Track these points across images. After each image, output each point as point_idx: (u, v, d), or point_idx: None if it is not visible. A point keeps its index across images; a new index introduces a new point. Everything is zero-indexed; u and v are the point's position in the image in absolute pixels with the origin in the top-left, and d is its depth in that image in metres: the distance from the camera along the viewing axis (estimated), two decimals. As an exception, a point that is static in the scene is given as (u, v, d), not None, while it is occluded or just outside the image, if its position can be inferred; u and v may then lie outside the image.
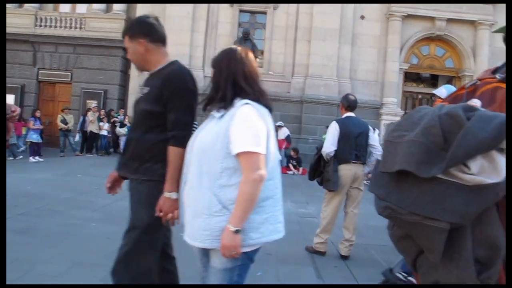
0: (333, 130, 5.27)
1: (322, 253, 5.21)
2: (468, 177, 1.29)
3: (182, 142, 2.34)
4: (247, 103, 2.00)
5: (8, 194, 7.36)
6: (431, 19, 19.20)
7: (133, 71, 19.43)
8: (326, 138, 5.44)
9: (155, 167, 2.47)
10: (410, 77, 21.12)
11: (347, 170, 5.20)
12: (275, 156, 2.08)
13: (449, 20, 19.14)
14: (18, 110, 3.09)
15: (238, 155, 1.92)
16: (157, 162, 2.47)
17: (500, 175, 1.28)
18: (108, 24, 19.86)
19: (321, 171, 5.33)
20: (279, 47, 19.25)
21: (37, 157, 13.05)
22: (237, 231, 1.87)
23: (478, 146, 1.27)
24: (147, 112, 2.51)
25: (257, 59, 17.00)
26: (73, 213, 6.42)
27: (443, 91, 4.40)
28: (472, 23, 19.21)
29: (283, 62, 19.21)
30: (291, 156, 14.86)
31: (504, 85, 1.54)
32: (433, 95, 4.74)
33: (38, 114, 13.57)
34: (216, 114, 2.08)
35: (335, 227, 5.33)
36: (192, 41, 19.01)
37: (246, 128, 1.95)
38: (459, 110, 1.33)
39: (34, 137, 13.16)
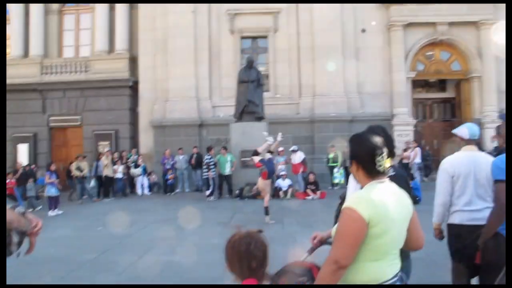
0: (353, 180, 5.13)
1: None
2: None
3: None
4: None
5: (33, 260, 7.36)
6: (432, 24, 19.11)
7: (142, 109, 19.60)
8: (348, 187, 5.32)
9: None
10: (418, 84, 20.98)
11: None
12: None
13: (451, 24, 19.02)
14: (40, 224, 3.02)
15: None
16: None
17: None
18: (113, 64, 20.09)
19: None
20: (284, 69, 19.28)
21: (56, 210, 13.08)
22: None
23: None
24: None
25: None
26: (99, 278, 6.36)
27: (464, 130, 4.12)
28: (474, 24, 19.07)
29: (289, 84, 19.22)
30: (308, 181, 14.71)
31: None
32: (453, 131, 4.42)
33: (53, 167, 13.60)
34: None
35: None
36: (197, 72, 19.12)
37: None
38: None
39: (52, 191, 13.18)
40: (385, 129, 3.21)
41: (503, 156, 3.52)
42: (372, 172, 2.30)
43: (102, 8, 20.38)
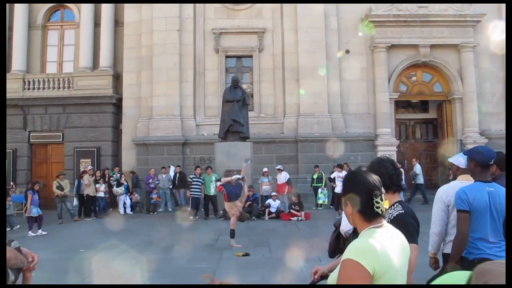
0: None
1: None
2: None
3: None
4: None
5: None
6: (415, 46, 19.45)
7: (125, 127, 19.38)
8: (343, 216, 5.30)
9: None
10: (401, 105, 21.28)
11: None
12: None
13: (433, 46, 19.39)
14: (36, 258, 2.91)
15: None
16: None
17: None
18: (96, 81, 19.90)
19: (341, 248, 5.18)
20: (268, 89, 19.36)
21: (39, 231, 12.70)
22: None
23: None
24: None
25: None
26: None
27: (460, 160, 4.16)
28: (455, 46, 19.47)
29: (273, 104, 19.29)
30: (292, 201, 14.67)
31: None
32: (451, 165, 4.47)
33: (36, 187, 13.25)
34: None
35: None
36: (181, 91, 19.06)
37: None
38: None
39: (34, 211, 12.83)
40: (393, 161, 3.17)
41: (465, 187, 3.69)
42: (369, 215, 2.13)
43: (86, 24, 20.25)
